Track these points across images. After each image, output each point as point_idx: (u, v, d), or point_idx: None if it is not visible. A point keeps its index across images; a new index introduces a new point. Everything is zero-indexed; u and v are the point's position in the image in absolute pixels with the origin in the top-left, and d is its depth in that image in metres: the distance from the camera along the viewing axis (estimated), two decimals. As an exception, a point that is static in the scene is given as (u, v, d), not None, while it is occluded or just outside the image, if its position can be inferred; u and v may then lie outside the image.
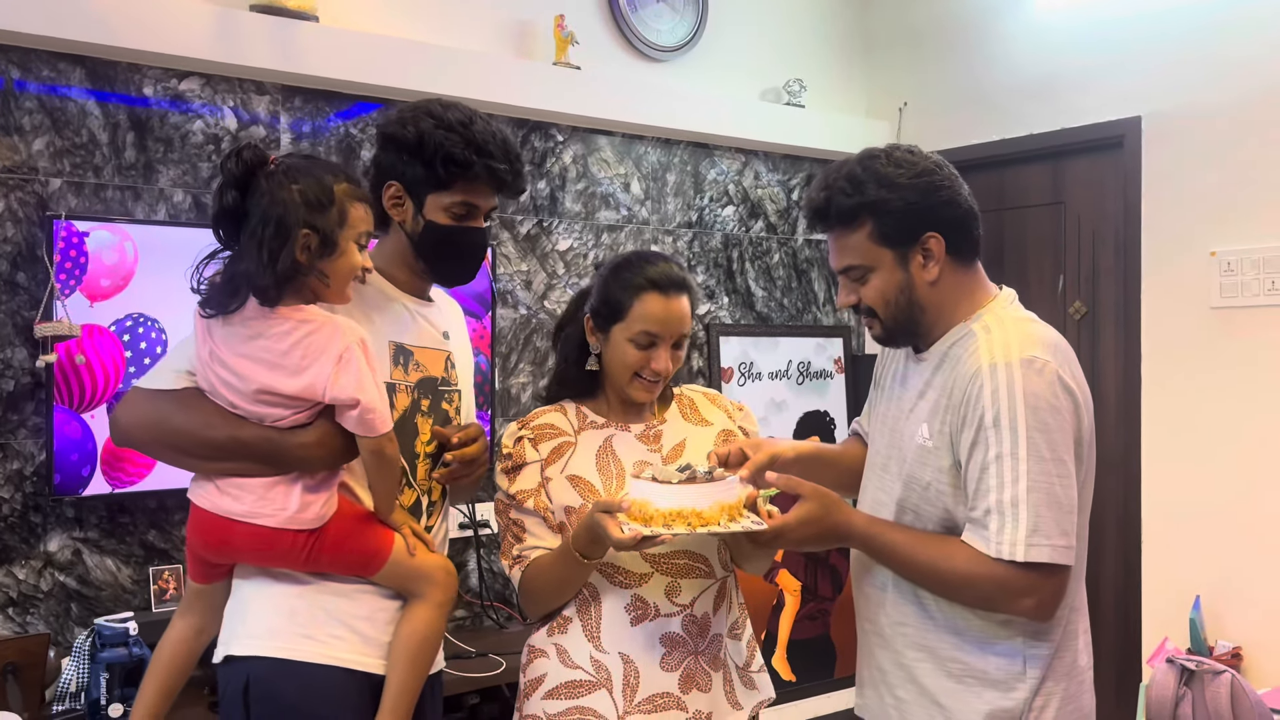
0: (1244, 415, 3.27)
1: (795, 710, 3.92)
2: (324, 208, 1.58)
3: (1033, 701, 1.60)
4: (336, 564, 1.66)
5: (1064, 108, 3.73)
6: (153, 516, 2.79)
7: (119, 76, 2.79)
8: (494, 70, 3.30)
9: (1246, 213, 3.27)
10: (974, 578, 1.54)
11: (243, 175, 1.57)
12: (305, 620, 1.65)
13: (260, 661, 1.64)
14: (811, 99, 4.14)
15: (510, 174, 1.76)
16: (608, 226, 3.69)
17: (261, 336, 1.58)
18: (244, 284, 1.57)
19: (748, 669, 1.88)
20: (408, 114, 1.76)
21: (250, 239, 1.56)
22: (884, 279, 1.64)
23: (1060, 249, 3.82)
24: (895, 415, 1.73)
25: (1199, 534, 3.37)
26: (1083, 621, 1.70)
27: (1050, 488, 1.51)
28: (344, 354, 1.56)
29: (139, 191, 2.81)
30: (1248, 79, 3.26)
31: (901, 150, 1.66)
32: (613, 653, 1.74)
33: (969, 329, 1.63)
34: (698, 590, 1.78)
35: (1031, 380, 1.53)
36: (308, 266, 1.58)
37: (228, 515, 1.61)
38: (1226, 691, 2.48)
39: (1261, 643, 3.21)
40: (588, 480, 1.79)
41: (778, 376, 4.10)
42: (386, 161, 1.77)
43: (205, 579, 1.73)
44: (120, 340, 2.66)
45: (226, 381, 1.60)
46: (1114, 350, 3.67)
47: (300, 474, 1.61)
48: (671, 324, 1.79)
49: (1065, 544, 1.52)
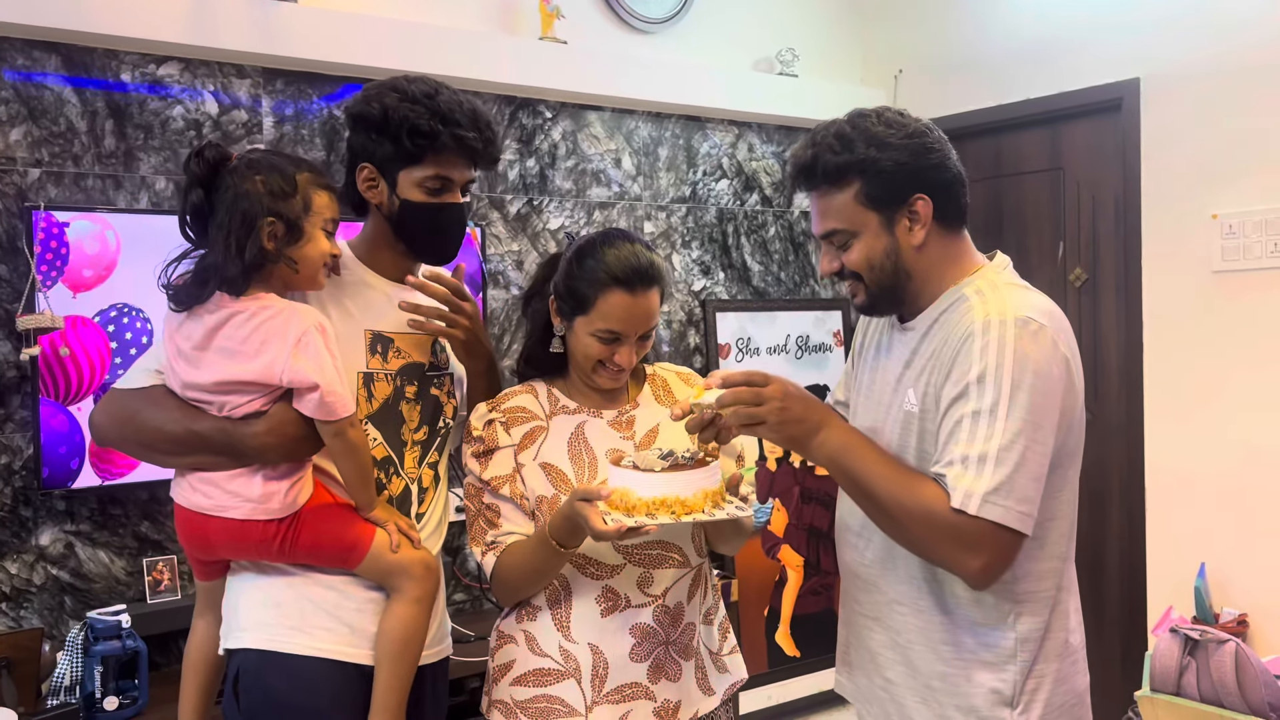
0: (1248, 380, 3.23)
1: (800, 685, 3.91)
2: (288, 196, 1.60)
3: (1024, 684, 1.56)
4: (315, 555, 1.66)
5: (1061, 71, 3.67)
6: (145, 508, 2.77)
7: (96, 63, 2.75)
8: (479, 47, 3.25)
9: (1248, 174, 3.21)
10: (929, 517, 1.47)
11: (206, 174, 1.60)
12: (292, 612, 1.65)
13: (249, 654, 1.65)
14: (805, 68, 4.07)
15: (480, 141, 1.72)
16: (599, 203, 3.65)
17: (223, 326, 1.59)
18: (212, 276, 1.58)
19: (720, 653, 1.86)
20: (372, 92, 1.74)
21: (218, 231, 1.58)
22: (869, 243, 1.59)
23: (1060, 215, 3.77)
24: (881, 386, 1.68)
25: (1203, 501, 3.33)
26: (1073, 600, 1.65)
27: (1023, 451, 1.46)
28: (302, 337, 1.57)
29: (120, 180, 2.78)
30: (1246, 37, 3.20)
31: (892, 112, 1.62)
32: (582, 643, 1.72)
33: (961, 293, 1.58)
34: (671, 580, 1.75)
35: (1024, 341, 1.48)
36: (275, 254, 1.60)
37: (199, 510, 1.64)
38: (1231, 661, 2.44)
39: (1267, 609, 3.18)
40: (560, 469, 1.74)
41: (776, 351, 4.06)
42: (357, 143, 1.74)
43: (205, 576, 1.76)
44: (105, 331, 2.63)
45: (189, 377, 1.61)
46: (1115, 316, 3.63)
47: (263, 466, 1.62)
48: (636, 322, 1.71)
49: (1024, 510, 1.46)
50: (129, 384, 1.69)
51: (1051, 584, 1.58)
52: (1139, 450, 3.50)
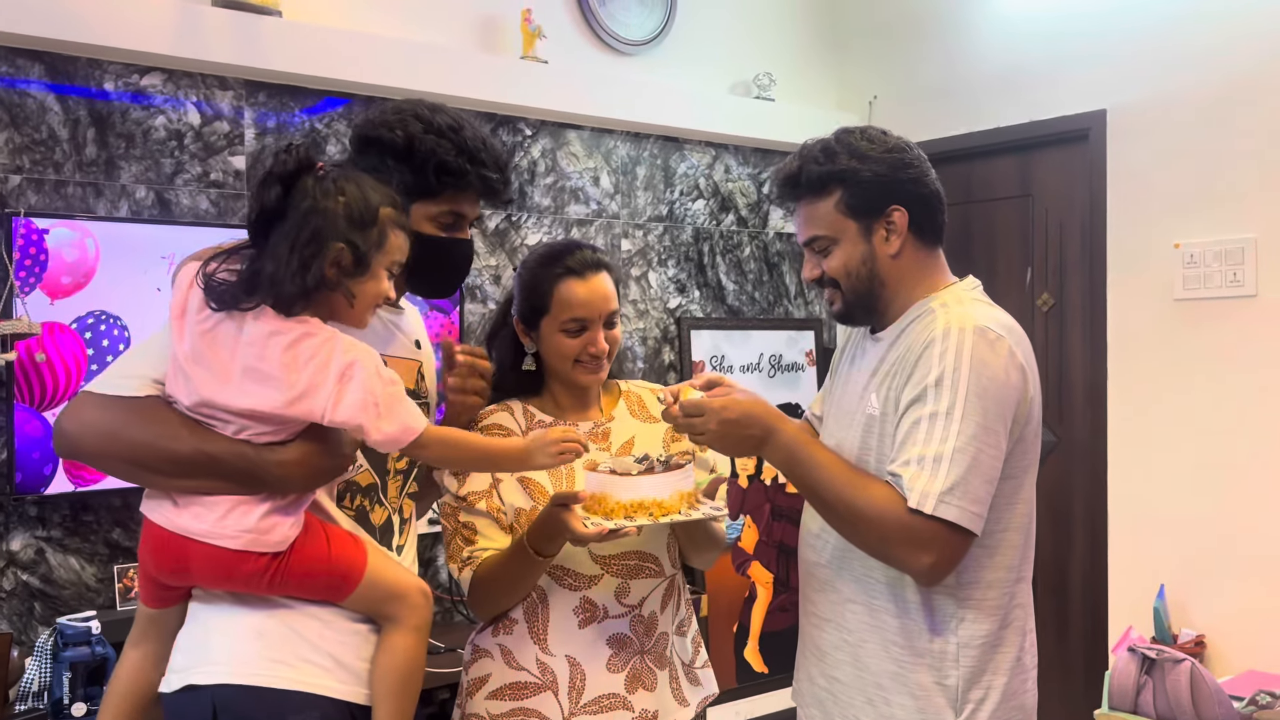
0: (1207, 406, 3.30)
1: (768, 701, 3.94)
2: (365, 226, 1.47)
3: (969, 692, 1.60)
4: (303, 589, 1.52)
5: (1031, 101, 3.75)
6: (117, 515, 2.78)
7: (79, 71, 2.77)
8: (461, 64, 3.29)
9: (1209, 205, 3.30)
10: (882, 517, 1.52)
11: (291, 173, 1.45)
12: (276, 644, 1.52)
13: (227, 689, 1.50)
14: (781, 92, 4.14)
15: (501, 183, 1.70)
16: (577, 220, 3.69)
17: (262, 344, 1.43)
18: (265, 286, 1.43)
19: (692, 666, 1.89)
20: (392, 117, 1.66)
21: (282, 240, 1.43)
22: (847, 251, 1.67)
23: (1028, 241, 3.85)
24: (850, 396, 1.74)
25: (1164, 524, 3.40)
26: (1030, 621, 1.70)
27: (978, 453, 1.52)
28: (345, 370, 1.43)
29: (100, 188, 2.79)
30: (1211, 72, 3.29)
31: (875, 130, 1.72)
32: (559, 655, 1.73)
33: (927, 306, 1.66)
34: (647, 590, 1.78)
35: (982, 348, 1.55)
36: (335, 282, 1.46)
37: (185, 534, 1.46)
38: (1186, 680, 2.50)
39: (1224, 631, 3.25)
40: (538, 481, 1.77)
41: (749, 369, 4.11)
42: (366, 166, 1.64)
43: (159, 603, 1.58)
44: (82, 338, 2.64)
45: (208, 392, 1.44)
46: (1080, 342, 3.70)
47: (270, 493, 1.47)
48: (596, 304, 1.76)
49: (976, 511, 1.52)
50: (111, 389, 1.49)
51: (1001, 595, 1.62)
52: (1102, 473, 3.57)
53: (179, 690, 1.52)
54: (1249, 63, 3.21)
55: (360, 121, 1.71)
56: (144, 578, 1.56)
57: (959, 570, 1.58)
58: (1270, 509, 3.16)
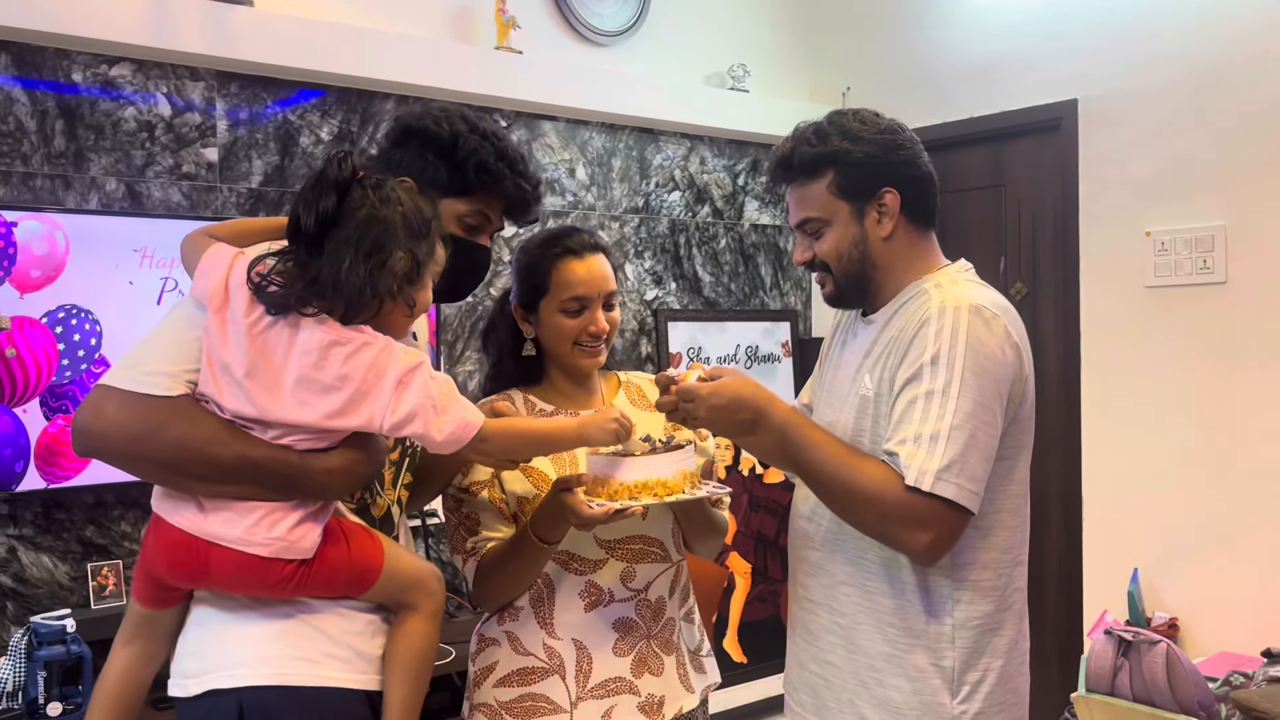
0: (1179, 392, 3.35)
1: (747, 691, 3.95)
2: (422, 236, 1.47)
3: (966, 674, 1.59)
4: (327, 589, 1.51)
5: (1003, 91, 3.78)
6: (90, 512, 2.74)
7: (46, 62, 2.72)
8: (435, 55, 3.27)
9: (1179, 194, 3.34)
10: (879, 496, 1.51)
11: (345, 181, 1.44)
12: (299, 642, 1.50)
13: (256, 691, 1.47)
14: (755, 84, 4.15)
15: (533, 196, 1.73)
16: (553, 212, 3.68)
17: (322, 355, 1.41)
18: (331, 292, 1.40)
19: (698, 653, 1.89)
20: (439, 113, 1.69)
21: (344, 247, 1.41)
22: (839, 233, 1.67)
23: (1001, 231, 3.88)
24: (842, 379, 1.73)
25: (1137, 509, 3.44)
26: (1025, 605, 1.70)
27: (974, 431, 1.51)
28: (403, 376, 1.43)
29: (69, 180, 2.75)
30: (1180, 63, 3.33)
31: (868, 111, 1.71)
32: (566, 639, 1.73)
33: (921, 288, 1.65)
34: (653, 574, 1.78)
35: (977, 326, 1.55)
36: (398, 290, 1.46)
37: (213, 539, 1.43)
38: (1162, 661, 2.53)
39: (1197, 613, 3.29)
40: (540, 469, 1.77)
41: (726, 361, 4.11)
42: (402, 159, 1.67)
43: (158, 604, 1.54)
44: (52, 332, 2.60)
45: (261, 403, 1.41)
46: (1054, 330, 3.74)
47: (304, 500, 1.45)
48: (595, 283, 1.78)
49: (974, 489, 1.51)
50: (142, 387, 1.42)
51: (997, 576, 1.62)
52: (1076, 458, 3.61)
53: (199, 695, 1.48)
54: (1218, 54, 3.25)
55: (403, 113, 1.73)
56: (146, 578, 1.51)
57: (954, 551, 1.57)
58: (1240, 492, 3.21)
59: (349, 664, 1.52)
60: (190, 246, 1.52)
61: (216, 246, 1.48)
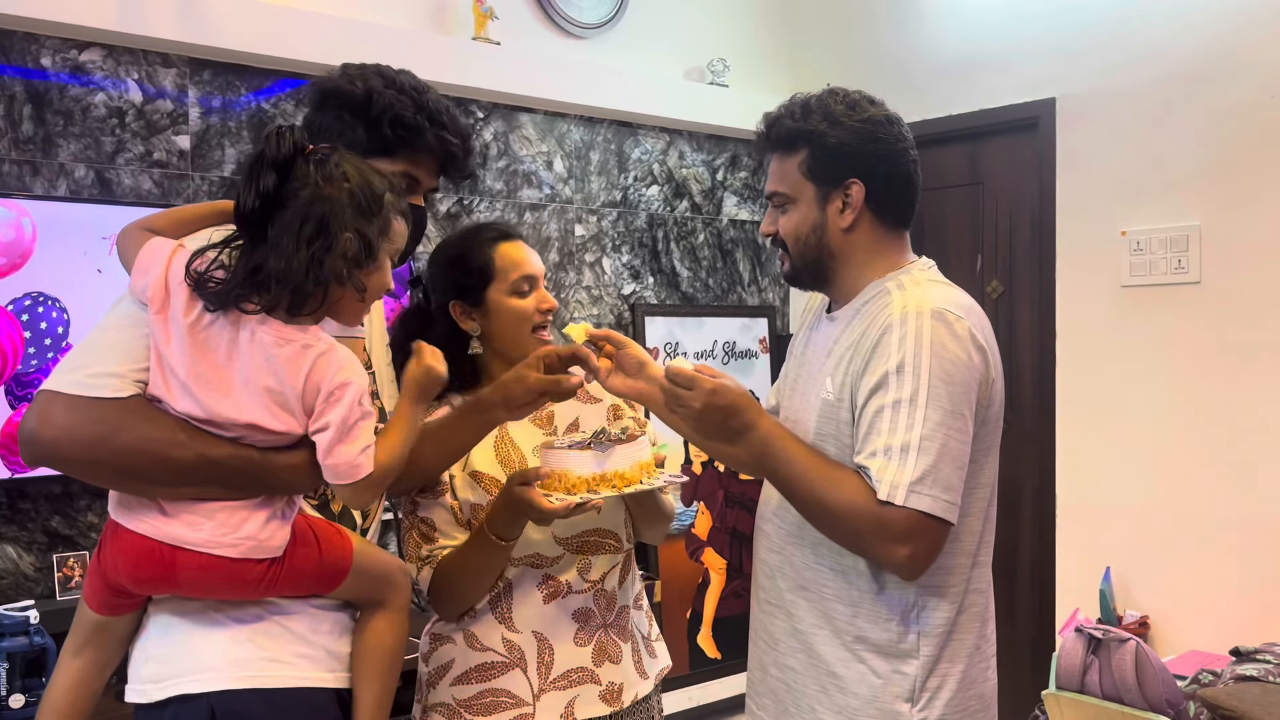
0: (1152, 391, 3.36)
1: (721, 686, 3.95)
2: (372, 214, 1.38)
3: (926, 680, 1.56)
4: (296, 587, 1.46)
5: (981, 90, 3.79)
6: (56, 503, 2.71)
7: (15, 47, 2.68)
8: (412, 45, 3.24)
9: (1154, 194, 3.35)
10: (855, 511, 1.48)
11: (287, 157, 1.35)
12: (269, 644, 1.46)
13: (228, 695, 1.42)
14: (735, 79, 4.14)
15: (461, 150, 1.65)
16: (530, 205, 3.66)
17: (268, 353, 1.35)
18: (275, 284, 1.33)
19: (649, 638, 1.90)
20: (354, 71, 1.61)
21: (286, 233, 1.33)
22: (801, 214, 1.64)
23: (978, 229, 3.88)
24: (805, 378, 1.71)
25: (1110, 507, 3.46)
26: (989, 608, 1.66)
27: (945, 440, 1.48)
28: (335, 391, 1.37)
29: (37, 166, 2.71)
30: (1157, 63, 3.34)
31: (862, 96, 1.66)
32: (525, 632, 1.72)
33: (883, 287, 1.61)
34: (608, 565, 1.78)
35: (941, 332, 1.51)
36: (346, 275, 1.37)
37: (178, 544, 1.36)
38: (1131, 659, 2.54)
39: (1167, 612, 3.31)
40: (490, 475, 1.74)
41: (703, 356, 4.10)
42: (322, 123, 1.60)
43: (115, 611, 1.47)
44: (19, 320, 2.57)
45: (209, 404, 1.35)
46: (1030, 328, 3.75)
47: (270, 498, 1.41)
48: (535, 263, 1.79)
49: (949, 499, 1.48)
50: (86, 390, 1.34)
51: (959, 581, 1.59)
52: (1050, 457, 3.62)
53: (164, 700, 1.42)
54: (1194, 55, 3.26)
55: (322, 77, 1.65)
56: (102, 586, 1.44)
57: None
58: (1213, 493, 3.23)
59: (320, 663, 1.49)
60: (126, 241, 1.44)
61: (154, 241, 1.40)
